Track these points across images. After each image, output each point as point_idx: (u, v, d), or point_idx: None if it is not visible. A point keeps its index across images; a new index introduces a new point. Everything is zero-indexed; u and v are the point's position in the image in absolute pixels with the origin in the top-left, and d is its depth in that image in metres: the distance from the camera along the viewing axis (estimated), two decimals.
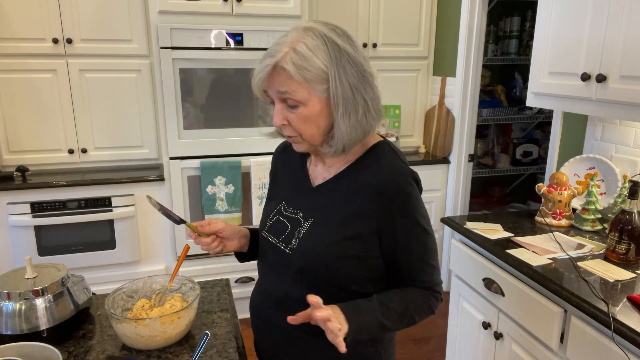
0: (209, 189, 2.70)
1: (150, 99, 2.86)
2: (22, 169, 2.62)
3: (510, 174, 3.93)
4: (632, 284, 1.42)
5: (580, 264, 1.56)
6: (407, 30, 3.25)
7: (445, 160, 3.25)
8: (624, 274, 1.47)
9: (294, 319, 0.95)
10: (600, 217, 1.89)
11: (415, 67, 3.34)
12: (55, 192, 2.56)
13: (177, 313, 1.11)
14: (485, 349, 1.85)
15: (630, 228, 1.51)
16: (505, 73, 3.87)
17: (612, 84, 1.57)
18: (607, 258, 1.59)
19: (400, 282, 1.07)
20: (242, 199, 2.77)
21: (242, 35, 2.60)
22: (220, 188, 2.72)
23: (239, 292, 2.88)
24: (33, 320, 1.13)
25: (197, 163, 2.68)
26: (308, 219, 1.06)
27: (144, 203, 2.73)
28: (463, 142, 3.15)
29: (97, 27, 2.69)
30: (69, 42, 2.64)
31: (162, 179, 2.70)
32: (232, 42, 2.60)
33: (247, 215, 2.83)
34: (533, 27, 2.45)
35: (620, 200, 1.83)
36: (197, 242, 1.11)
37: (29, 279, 1.18)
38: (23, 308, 1.12)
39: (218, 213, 2.74)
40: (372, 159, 1.04)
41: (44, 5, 2.58)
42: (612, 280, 1.44)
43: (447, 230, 3.35)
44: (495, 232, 1.84)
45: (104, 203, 2.64)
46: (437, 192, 3.28)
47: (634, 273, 1.48)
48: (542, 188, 1.95)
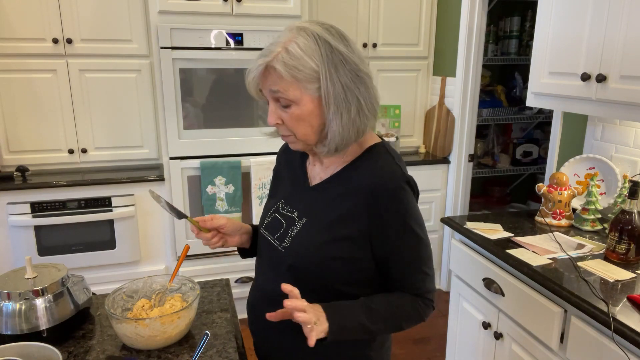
0: (209, 189, 2.70)
1: (150, 99, 2.86)
2: (22, 169, 2.62)
3: (510, 174, 3.93)
4: (632, 284, 1.42)
5: (580, 264, 1.56)
6: (407, 30, 3.25)
7: (445, 160, 3.25)
8: (624, 274, 1.47)
9: (273, 316, 0.94)
10: (600, 217, 1.89)
11: (415, 67, 3.34)
12: (55, 192, 2.56)
13: (177, 313, 1.11)
14: (485, 349, 1.85)
15: (630, 228, 1.51)
16: (505, 73, 3.87)
17: (612, 84, 1.57)
18: (607, 258, 1.59)
19: (392, 287, 1.05)
20: (242, 199, 2.77)
21: (242, 35, 2.60)
22: (220, 188, 2.72)
23: (239, 292, 2.88)
24: (33, 320, 1.13)
25: (197, 163, 2.68)
26: (302, 218, 1.06)
27: (144, 203, 2.73)
28: (463, 142, 3.15)
29: (97, 27, 2.69)
30: (69, 42, 2.65)
31: (162, 179, 2.70)
32: (232, 42, 2.60)
33: (247, 215, 2.83)
34: (533, 27, 2.45)
35: (620, 200, 1.84)
36: (198, 236, 1.12)
37: (29, 279, 1.18)
38: (23, 308, 1.12)
39: (218, 213, 2.74)
40: (367, 161, 1.04)
41: (44, 5, 2.58)
42: (612, 280, 1.44)
43: (447, 230, 3.35)
44: (495, 232, 1.84)
45: (104, 203, 2.64)
46: (437, 192, 3.28)
47: (634, 273, 1.48)
48: (542, 188, 1.95)
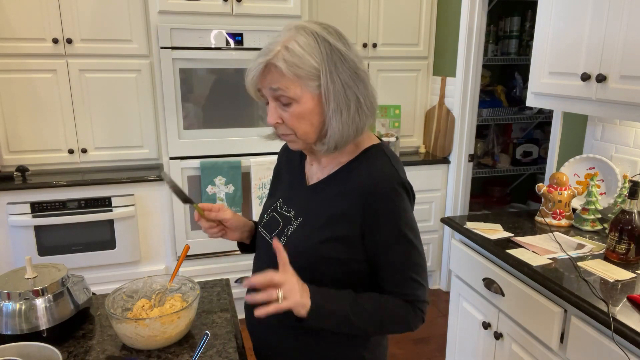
0: (209, 189, 2.70)
1: (150, 99, 2.86)
2: (22, 169, 2.62)
3: (510, 174, 3.93)
4: (632, 284, 1.42)
5: (580, 264, 1.56)
6: (407, 30, 3.25)
7: (445, 160, 3.25)
8: (624, 274, 1.47)
9: (252, 299, 0.92)
10: (600, 217, 1.89)
11: (415, 67, 3.33)
12: (55, 192, 2.56)
13: (177, 313, 1.11)
14: (485, 349, 1.85)
15: (630, 228, 1.51)
16: (505, 73, 3.87)
17: (612, 84, 1.57)
18: (607, 258, 1.59)
19: (382, 292, 1.03)
20: (242, 199, 2.77)
21: (242, 35, 2.60)
22: (220, 188, 2.72)
23: (239, 292, 2.88)
24: (33, 320, 1.12)
25: (197, 163, 2.68)
26: (298, 218, 1.06)
27: (144, 203, 2.73)
28: (463, 142, 3.15)
29: (97, 27, 2.69)
30: (69, 42, 2.64)
31: (162, 179, 2.70)
32: (232, 42, 2.60)
33: (247, 215, 2.83)
34: (533, 27, 2.45)
35: (620, 200, 1.83)
36: (198, 221, 1.12)
37: (29, 279, 1.18)
38: (23, 308, 1.12)
39: None
40: (364, 162, 1.03)
41: (44, 6, 2.58)
42: (612, 280, 1.44)
43: (447, 230, 3.35)
44: (495, 232, 1.84)
45: (104, 203, 2.64)
46: (437, 192, 3.28)
47: (634, 273, 1.48)
48: (542, 188, 1.95)
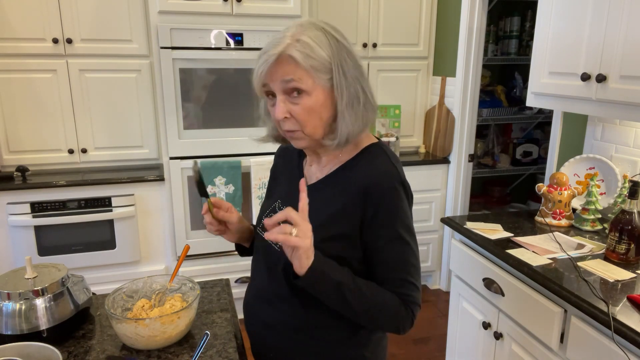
0: (209, 189, 2.70)
1: (150, 99, 2.86)
2: (22, 169, 2.62)
3: (510, 174, 3.93)
4: (632, 284, 1.42)
5: (580, 264, 1.56)
6: (407, 30, 3.25)
7: (445, 160, 3.25)
8: (624, 274, 1.47)
9: (269, 224, 0.91)
10: (600, 217, 1.89)
11: (415, 67, 3.33)
12: (55, 192, 2.56)
13: (177, 313, 1.11)
14: (485, 349, 1.85)
15: (630, 228, 1.51)
16: (505, 73, 3.87)
17: (612, 84, 1.57)
18: (607, 258, 1.59)
19: None
20: (242, 199, 2.77)
21: (242, 35, 2.60)
22: (220, 188, 2.72)
23: (239, 292, 2.88)
24: (33, 320, 1.12)
25: None
26: None
27: (144, 203, 2.73)
28: (463, 142, 3.15)
29: (97, 27, 2.69)
30: (69, 42, 2.64)
31: (162, 179, 2.70)
32: (232, 42, 2.60)
33: (247, 215, 2.83)
34: (533, 27, 2.45)
35: (620, 200, 1.83)
36: (204, 214, 1.12)
37: (29, 279, 1.18)
38: (23, 308, 1.12)
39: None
40: (363, 160, 1.04)
41: (44, 5, 2.58)
42: (612, 280, 1.44)
43: (447, 230, 3.35)
44: (495, 232, 1.84)
45: (104, 203, 2.64)
46: (437, 192, 3.28)
47: (634, 273, 1.48)
48: (542, 188, 1.95)
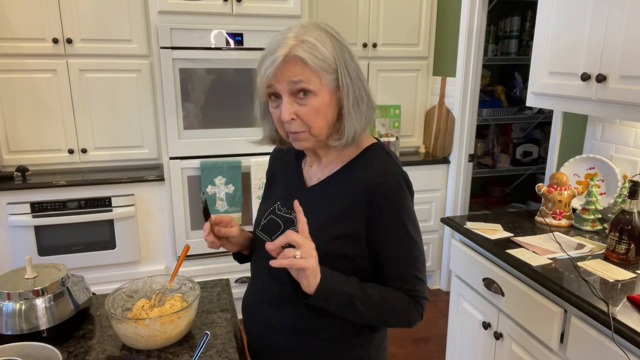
0: (209, 189, 2.70)
1: (150, 99, 2.86)
2: (22, 169, 2.62)
3: (510, 174, 3.93)
4: (632, 284, 1.42)
5: (580, 264, 1.56)
6: (407, 30, 3.25)
7: (445, 160, 3.25)
8: (624, 274, 1.47)
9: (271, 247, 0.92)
10: (600, 217, 1.89)
11: (415, 67, 3.33)
12: (55, 192, 2.56)
13: (177, 313, 1.11)
14: (485, 349, 1.85)
15: (630, 228, 1.51)
16: (505, 73, 3.87)
17: (612, 84, 1.57)
18: (607, 258, 1.59)
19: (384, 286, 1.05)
20: (242, 199, 2.77)
21: (242, 35, 2.60)
22: (220, 188, 2.72)
23: (239, 292, 2.88)
24: (33, 320, 1.12)
25: (197, 163, 2.68)
26: None
27: (144, 203, 2.73)
28: (463, 142, 3.15)
29: (97, 27, 2.69)
30: (69, 42, 2.65)
31: (162, 179, 2.70)
32: (232, 42, 2.60)
33: (247, 215, 2.83)
34: (533, 27, 2.45)
35: (620, 200, 1.83)
36: (207, 236, 1.10)
37: (29, 279, 1.18)
38: (23, 308, 1.12)
39: (218, 213, 2.73)
40: (365, 160, 1.04)
41: (44, 5, 2.58)
42: (612, 280, 1.44)
43: (447, 230, 3.35)
44: (495, 232, 1.84)
45: (104, 203, 2.64)
46: (437, 192, 3.28)
47: (634, 273, 1.48)
48: (542, 188, 1.95)
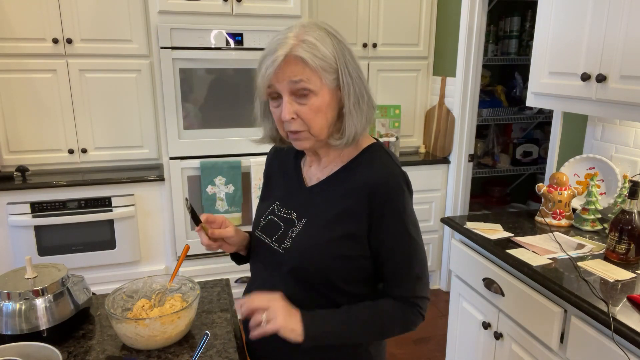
0: (209, 189, 2.70)
1: (150, 99, 2.86)
2: (22, 169, 2.62)
3: (510, 174, 3.93)
4: (632, 284, 1.42)
5: (580, 264, 1.56)
6: (407, 30, 3.25)
7: (445, 160, 3.25)
8: (624, 274, 1.47)
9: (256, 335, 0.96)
10: (600, 217, 1.89)
11: (415, 67, 3.33)
12: (55, 192, 2.56)
13: (177, 313, 1.11)
14: (485, 349, 1.85)
15: (630, 228, 1.51)
16: (505, 73, 3.87)
17: (612, 84, 1.57)
18: (607, 258, 1.59)
19: (384, 287, 1.06)
20: (242, 199, 2.77)
21: (242, 35, 2.60)
22: (220, 188, 2.72)
23: (239, 292, 2.88)
24: (33, 320, 1.12)
25: (197, 163, 2.68)
26: (302, 219, 1.06)
27: (144, 203, 2.73)
28: (463, 142, 3.15)
29: (97, 27, 2.69)
30: (69, 42, 2.64)
31: (162, 179, 2.70)
32: (232, 42, 2.60)
33: (247, 215, 2.83)
34: (533, 27, 2.45)
35: (620, 200, 1.83)
36: (198, 232, 1.11)
37: (29, 279, 1.18)
38: (23, 308, 1.12)
39: (218, 213, 2.74)
40: (365, 160, 1.04)
41: (44, 5, 2.58)
42: (612, 280, 1.44)
43: (447, 230, 3.35)
44: (495, 232, 1.84)
45: (104, 203, 2.64)
46: (437, 192, 3.28)
47: (634, 273, 1.48)
48: (542, 188, 1.95)
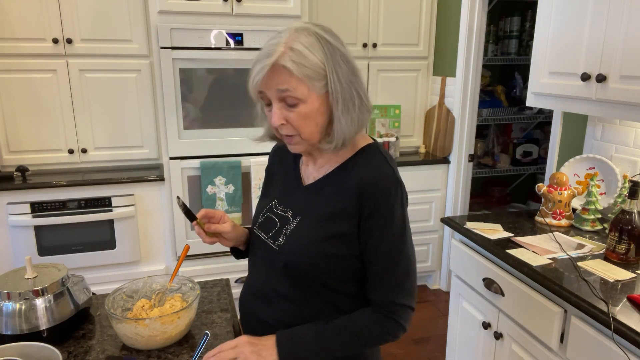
0: (209, 189, 2.70)
1: (150, 99, 2.86)
2: (22, 169, 2.62)
3: (510, 174, 3.93)
4: (632, 284, 1.42)
5: (580, 264, 1.56)
6: (407, 30, 3.25)
7: (445, 160, 3.25)
8: (624, 274, 1.47)
9: None
10: (600, 217, 1.89)
11: (415, 67, 3.33)
12: (55, 192, 2.56)
13: (177, 313, 1.11)
14: (485, 349, 1.85)
15: (630, 228, 1.51)
16: (505, 73, 3.87)
17: (612, 84, 1.57)
18: (607, 258, 1.59)
19: (367, 290, 1.04)
20: (242, 199, 2.77)
21: (242, 35, 2.60)
22: (220, 188, 2.72)
23: (239, 292, 2.88)
24: (33, 320, 1.12)
25: (197, 163, 2.68)
26: (296, 217, 1.07)
27: (144, 203, 2.73)
28: (463, 142, 3.15)
29: (97, 27, 2.69)
30: (69, 42, 2.64)
31: (162, 179, 2.70)
32: (232, 42, 2.60)
33: (247, 215, 2.83)
34: (533, 27, 2.45)
35: (620, 200, 1.83)
36: (199, 234, 1.11)
37: (29, 279, 1.18)
38: (23, 308, 1.12)
39: None
40: (361, 161, 1.04)
41: (44, 5, 2.58)
42: (612, 280, 1.44)
43: (447, 230, 3.35)
44: (495, 232, 1.84)
45: (104, 203, 2.64)
46: (437, 192, 3.28)
47: (634, 273, 1.48)
48: (542, 188, 1.95)
